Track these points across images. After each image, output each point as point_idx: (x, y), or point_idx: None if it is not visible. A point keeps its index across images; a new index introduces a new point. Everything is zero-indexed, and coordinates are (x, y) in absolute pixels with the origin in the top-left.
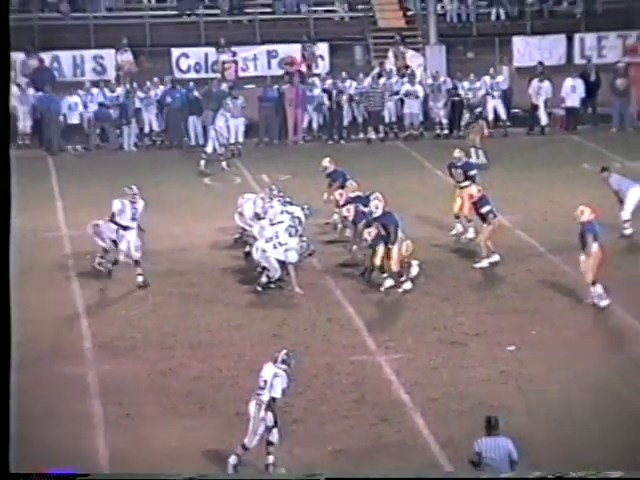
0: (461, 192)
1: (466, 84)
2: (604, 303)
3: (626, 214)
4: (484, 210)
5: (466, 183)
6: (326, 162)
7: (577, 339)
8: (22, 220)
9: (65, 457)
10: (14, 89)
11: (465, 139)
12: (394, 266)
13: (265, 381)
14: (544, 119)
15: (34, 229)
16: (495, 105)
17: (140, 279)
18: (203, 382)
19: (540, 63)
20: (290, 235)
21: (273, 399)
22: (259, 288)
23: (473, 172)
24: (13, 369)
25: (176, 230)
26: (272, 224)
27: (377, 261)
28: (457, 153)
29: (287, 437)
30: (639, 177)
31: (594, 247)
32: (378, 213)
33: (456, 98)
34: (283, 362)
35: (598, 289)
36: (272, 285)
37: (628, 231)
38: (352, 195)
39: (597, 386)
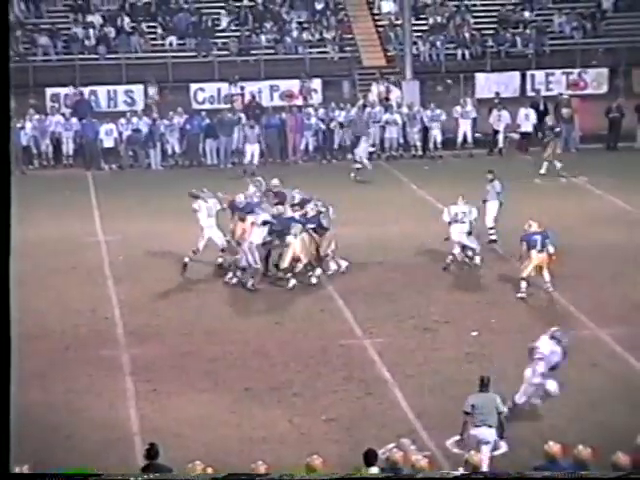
0: None
1: (428, 112)
2: (519, 295)
3: (488, 222)
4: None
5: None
6: (276, 181)
7: (530, 325)
8: (66, 227)
9: (103, 424)
10: (60, 118)
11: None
12: (282, 263)
13: (542, 353)
14: (501, 142)
15: (76, 235)
16: (465, 130)
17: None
18: (217, 363)
19: (497, 93)
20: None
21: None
22: (251, 288)
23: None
24: (60, 351)
25: (193, 236)
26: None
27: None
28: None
29: (287, 408)
30: (582, 189)
31: (527, 252)
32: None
33: (433, 124)
34: (556, 338)
35: (522, 283)
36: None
37: (493, 237)
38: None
39: None
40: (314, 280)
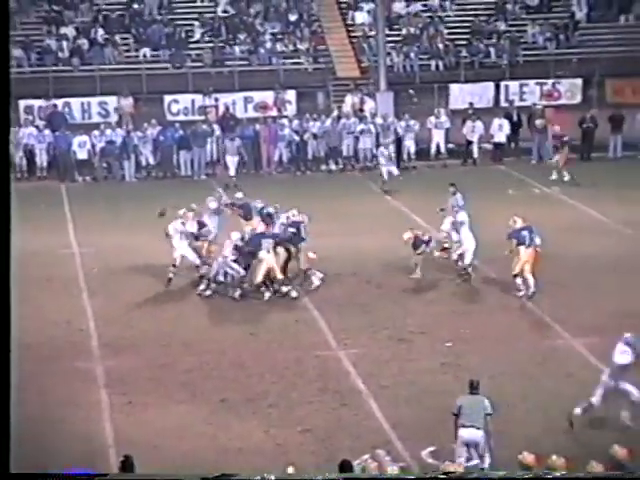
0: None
1: (402, 123)
2: (519, 294)
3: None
4: (419, 250)
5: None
6: (239, 194)
7: (504, 335)
8: (40, 239)
9: (78, 437)
10: (33, 130)
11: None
12: (256, 278)
13: (613, 356)
14: (475, 152)
15: (50, 247)
16: (438, 141)
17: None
18: (193, 374)
19: (471, 104)
20: None
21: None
22: (237, 298)
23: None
24: (33, 363)
25: (167, 247)
26: None
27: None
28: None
29: (263, 419)
30: (556, 200)
31: (518, 249)
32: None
33: (406, 135)
34: (629, 344)
35: (517, 281)
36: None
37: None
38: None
39: (521, 374)
40: (294, 294)
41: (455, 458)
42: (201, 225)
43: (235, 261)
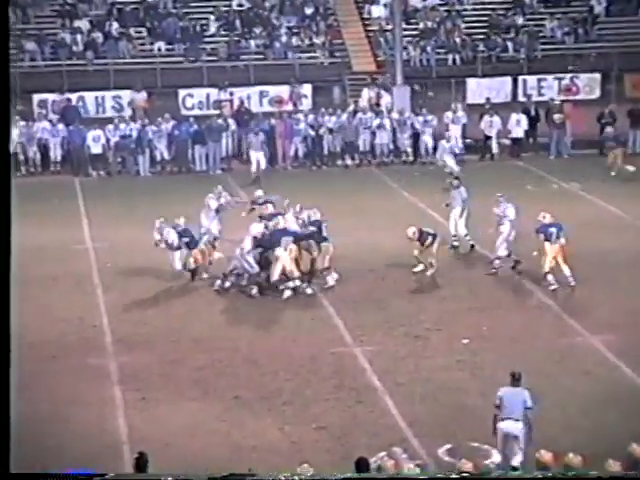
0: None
1: (420, 118)
2: (551, 288)
3: (452, 229)
4: (426, 243)
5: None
6: (260, 192)
7: (521, 332)
8: (53, 234)
9: (91, 433)
10: (46, 124)
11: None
12: (272, 276)
13: None
14: (495, 148)
15: (64, 242)
16: (455, 136)
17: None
18: (206, 371)
19: (488, 99)
20: None
21: None
22: (255, 295)
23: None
24: (47, 360)
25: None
26: None
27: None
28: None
29: (278, 417)
30: (575, 195)
31: (544, 244)
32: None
33: (424, 130)
34: None
35: (549, 277)
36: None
37: (456, 243)
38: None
39: (538, 371)
40: (309, 291)
41: (496, 450)
42: (183, 234)
43: (251, 254)
